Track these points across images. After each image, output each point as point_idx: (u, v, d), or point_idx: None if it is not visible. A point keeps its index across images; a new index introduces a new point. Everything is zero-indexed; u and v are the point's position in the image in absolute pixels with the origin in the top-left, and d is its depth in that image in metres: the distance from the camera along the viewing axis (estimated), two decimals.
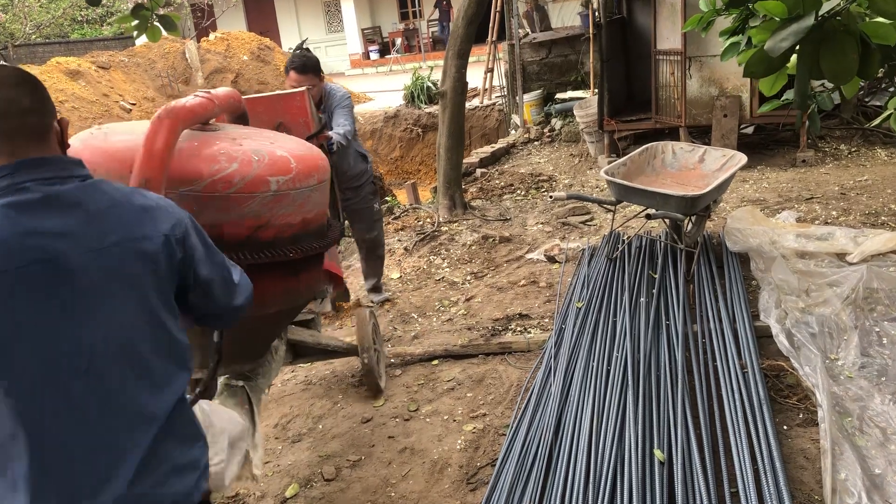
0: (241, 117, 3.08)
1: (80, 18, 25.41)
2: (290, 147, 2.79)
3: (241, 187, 2.48)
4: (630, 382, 3.51)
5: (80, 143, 2.55)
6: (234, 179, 2.47)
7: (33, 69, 13.92)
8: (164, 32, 3.35)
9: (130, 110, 14.62)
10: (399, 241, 7.15)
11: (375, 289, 5.73)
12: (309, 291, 3.05)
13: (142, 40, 17.46)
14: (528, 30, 12.34)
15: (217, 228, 2.45)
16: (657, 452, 3.01)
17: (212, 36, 19.16)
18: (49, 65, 14.53)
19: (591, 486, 2.88)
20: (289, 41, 24.56)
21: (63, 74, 14.07)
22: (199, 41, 18.70)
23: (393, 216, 8.38)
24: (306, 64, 4.76)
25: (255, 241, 2.58)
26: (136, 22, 3.28)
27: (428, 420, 3.93)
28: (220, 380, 3.12)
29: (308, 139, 3.54)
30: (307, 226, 2.78)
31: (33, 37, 22.36)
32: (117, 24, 24.64)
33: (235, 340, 2.76)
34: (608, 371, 3.71)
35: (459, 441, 3.67)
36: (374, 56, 24.97)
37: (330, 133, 4.38)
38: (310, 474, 3.61)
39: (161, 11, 3.26)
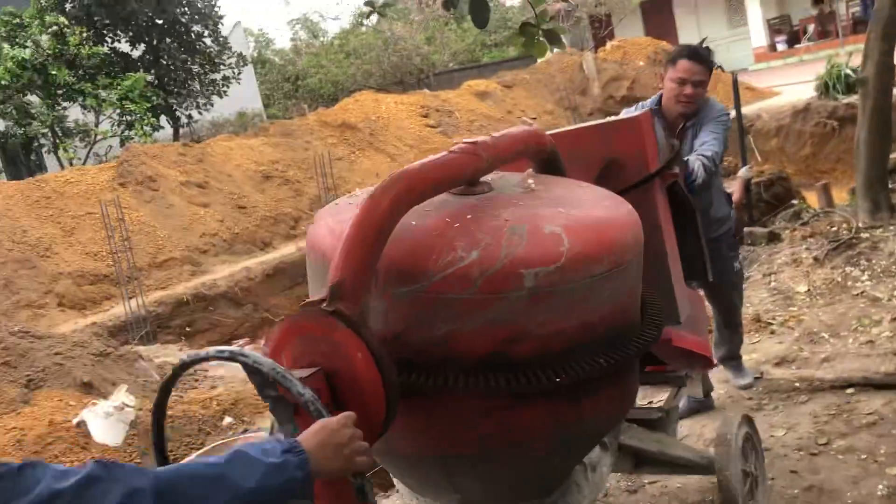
0: (548, 161, 2.44)
1: (489, 43, 27.78)
2: (576, 215, 2.02)
3: (480, 286, 1.80)
4: None
5: (317, 220, 2.15)
6: (473, 275, 1.79)
7: (449, 94, 15.53)
8: (550, 48, 3.39)
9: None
10: (807, 249, 6.43)
11: (730, 359, 4.29)
12: (604, 419, 2.21)
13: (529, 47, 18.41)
14: None
15: (451, 342, 1.85)
16: None
17: (608, 45, 19.50)
18: (462, 88, 16.09)
19: None
20: (686, 42, 23.97)
21: (473, 96, 15.47)
22: (596, 51, 19.16)
23: (800, 221, 7.63)
24: (699, 51, 3.75)
25: (505, 360, 1.86)
26: (523, 39, 3.36)
27: (840, 457, 3.42)
28: None
29: (645, 180, 2.71)
30: (592, 332, 1.95)
31: (450, 64, 25.02)
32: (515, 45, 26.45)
33: (499, 482, 2.18)
34: None
35: (881, 486, 3.14)
36: (781, 47, 23.19)
37: (692, 160, 3.36)
38: (700, 500, 3.36)
39: (546, 27, 3.29)
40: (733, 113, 3.95)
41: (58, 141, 14.78)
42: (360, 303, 1.72)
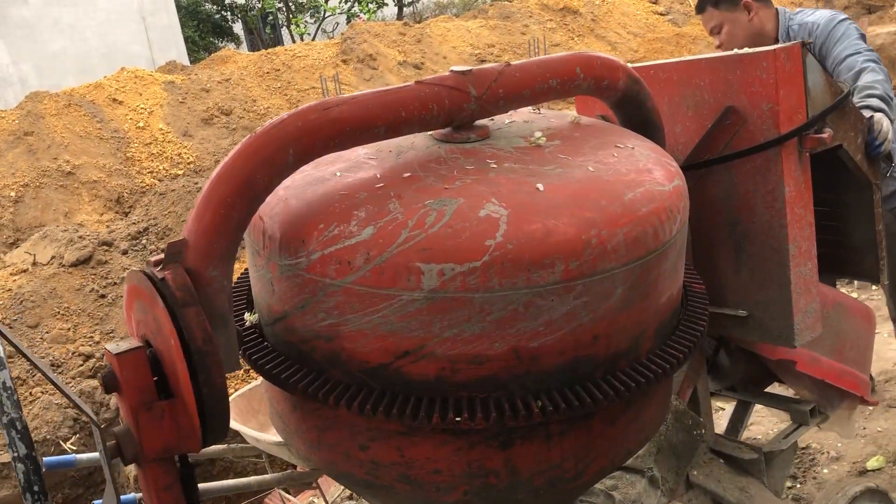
0: (625, 102, 1.82)
1: None
2: (551, 194, 1.43)
3: (364, 276, 1.35)
4: None
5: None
6: (356, 260, 1.34)
7: None
8: None
9: None
10: None
11: None
12: (564, 474, 1.55)
13: None
14: None
15: (337, 340, 1.43)
16: None
17: None
18: None
19: None
20: None
21: None
22: None
23: None
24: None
25: (398, 377, 1.42)
26: None
27: None
28: None
29: (784, 138, 1.92)
30: (532, 363, 1.41)
31: None
32: None
33: None
34: None
35: None
36: None
37: (877, 118, 2.32)
38: None
39: None
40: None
41: (290, 15, 15.50)
42: (204, 274, 1.34)
